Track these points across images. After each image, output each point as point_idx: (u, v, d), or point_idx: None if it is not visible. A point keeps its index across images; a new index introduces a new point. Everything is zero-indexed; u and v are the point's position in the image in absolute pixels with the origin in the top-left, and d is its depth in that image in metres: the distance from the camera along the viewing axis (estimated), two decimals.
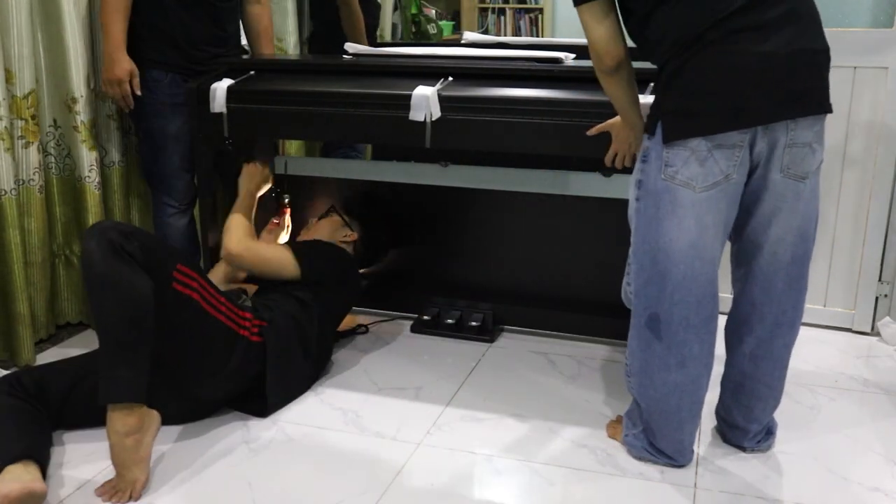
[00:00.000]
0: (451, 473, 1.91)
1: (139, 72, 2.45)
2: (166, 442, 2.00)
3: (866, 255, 2.65)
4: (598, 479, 1.88)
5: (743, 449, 1.97)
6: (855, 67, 2.53)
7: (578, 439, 2.04)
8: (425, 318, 2.66)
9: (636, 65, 1.78)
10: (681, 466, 1.90)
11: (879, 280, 2.68)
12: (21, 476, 1.69)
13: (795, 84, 1.63)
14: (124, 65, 2.38)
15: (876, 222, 2.62)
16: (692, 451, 1.93)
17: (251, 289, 2.41)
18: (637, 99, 1.84)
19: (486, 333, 2.61)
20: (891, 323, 2.65)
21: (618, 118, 1.97)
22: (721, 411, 2.01)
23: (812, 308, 2.75)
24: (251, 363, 2.07)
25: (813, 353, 2.55)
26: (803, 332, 2.68)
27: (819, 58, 1.67)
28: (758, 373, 1.88)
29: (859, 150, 2.60)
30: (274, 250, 2.40)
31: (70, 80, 2.42)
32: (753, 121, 1.63)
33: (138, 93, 2.43)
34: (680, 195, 1.68)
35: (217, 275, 2.47)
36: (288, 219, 2.75)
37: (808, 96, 1.66)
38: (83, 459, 1.93)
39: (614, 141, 2.01)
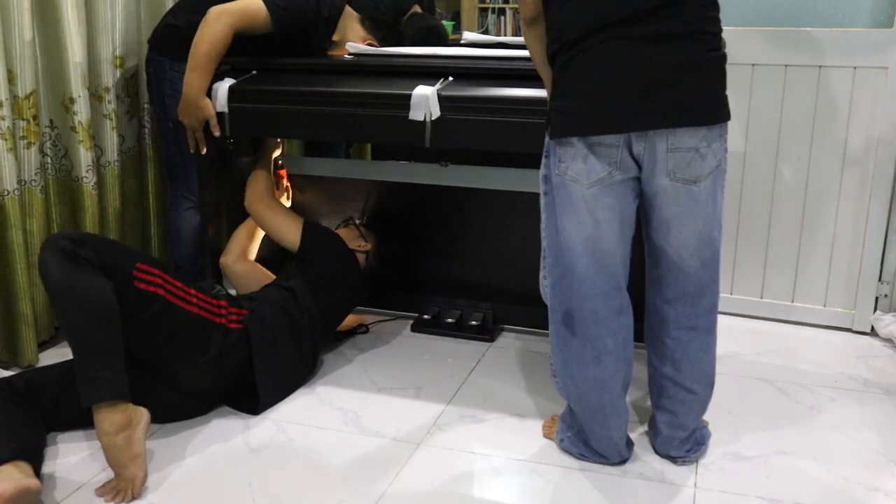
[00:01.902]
0: (451, 473, 1.91)
1: (172, 64, 2.51)
2: (166, 442, 2.00)
3: (866, 255, 2.65)
4: (598, 479, 1.88)
5: (673, 460, 1.93)
6: (855, 67, 2.53)
7: None
8: (425, 317, 2.66)
9: None
10: (619, 464, 1.90)
11: (879, 280, 2.68)
12: (13, 475, 1.69)
13: (670, 95, 1.63)
14: (209, 110, 2.39)
15: (876, 222, 2.62)
16: (627, 449, 1.92)
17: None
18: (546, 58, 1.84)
19: (486, 333, 2.61)
20: (882, 316, 2.66)
21: None
22: (649, 419, 2.00)
23: (812, 308, 2.76)
24: (232, 350, 2.08)
25: (813, 353, 2.55)
26: (803, 331, 2.72)
27: (704, 68, 1.65)
28: (679, 376, 1.86)
29: (859, 150, 2.59)
30: (286, 213, 2.55)
31: (68, 80, 2.42)
32: (618, 128, 1.65)
33: (216, 134, 2.44)
34: (573, 190, 1.72)
35: (258, 186, 2.60)
36: (286, 181, 2.80)
37: (685, 107, 1.64)
38: (80, 462, 1.94)
39: None
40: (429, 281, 2.80)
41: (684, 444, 1.93)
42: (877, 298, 2.70)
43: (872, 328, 2.70)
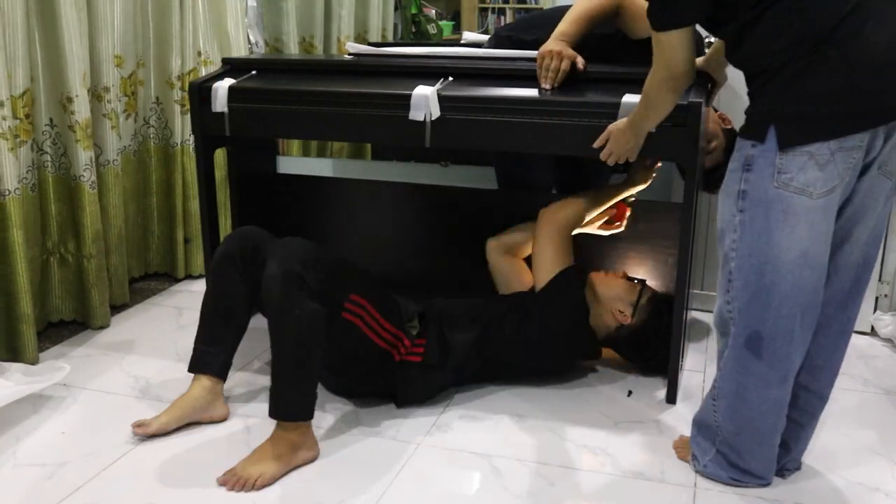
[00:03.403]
0: (451, 473, 1.91)
1: None
2: (167, 442, 2.01)
3: None
4: (598, 479, 1.88)
5: (782, 475, 1.87)
6: None
7: (578, 439, 2.04)
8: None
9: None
10: (767, 485, 1.84)
11: (879, 280, 2.68)
12: (213, 399, 2.08)
13: None
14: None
15: None
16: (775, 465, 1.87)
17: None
18: None
19: None
20: (882, 316, 2.66)
21: (621, 121, 1.97)
22: None
23: None
24: (398, 378, 2.17)
25: None
26: None
27: None
28: (815, 384, 1.81)
29: None
30: (561, 252, 2.29)
31: (66, 80, 2.43)
32: (881, 119, 1.57)
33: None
34: (794, 203, 1.59)
35: (568, 210, 2.34)
36: (621, 219, 2.49)
37: None
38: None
39: (612, 142, 2.01)
40: (429, 280, 2.80)
41: (798, 458, 1.90)
42: (877, 298, 2.70)
43: (872, 328, 2.70)
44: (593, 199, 2.37)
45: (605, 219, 2.48)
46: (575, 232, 2.36)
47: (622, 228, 2.49)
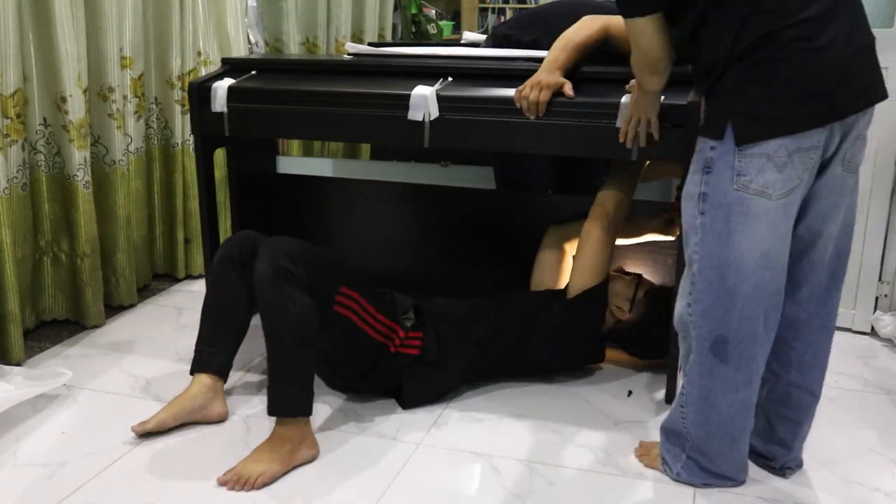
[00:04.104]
0: (451, 473, 1.91)
1: None
2: (167, 442, 2.01)
3: (866, 255, 2.65)
4: (598, 479, 1.88)
5: (784, 474, 1.88)
6: None
7: (578, 439, 2.04)
8: None
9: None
10: (741, 484, 1.84)
11: (879, 280, 2.68)
12: (213, 396, 2.08)
13: (864, 74, 1.60)
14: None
15: (876, 222, 2.62)
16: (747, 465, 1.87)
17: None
18: None
19: None
20: (882, 316, 2.66)
21: (626, 97, 1.97)
22: (757, 434, 1.88)
23: None
24: (396, 371, 2.17)
25: None
26: None
27: (873, 45, 1.64)
28: (806, 381, 1.81)
29: None
30: (602, 257, 2.27)
31: (60, 80, 2.42)
32: (838, 114, 1.58)
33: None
34: (753, 205, 1.60)
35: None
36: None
37: (874, 85, 1.62)
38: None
39: (632, 105, 1.96)
40: (429, 280, 2.80)
41: (798, 456, 1.90)
42: (877, 298, 2.70)
43: (872, 328, 2.70)
44: (627, 185, 2.30)
45: (663, 221, 2.41)
46: (641, 240, 2.37)
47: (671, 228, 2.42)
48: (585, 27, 2.16)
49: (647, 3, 1.65)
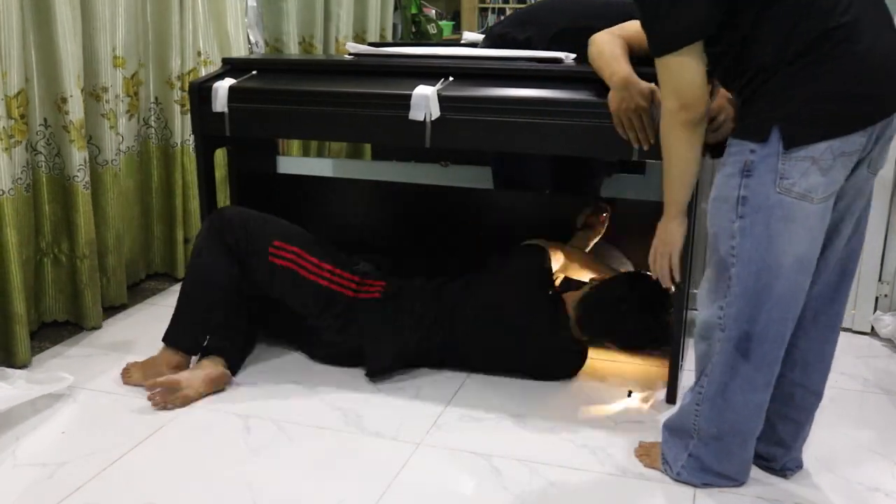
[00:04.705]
0: (451, 473, 1.91)
1: None
2: (167, 442, 2.01)
3: (866, 255, 2.65)
4: (598, 479, 1.88)
5: (784, 475, 1.87)
6: None
7: (578, 439, 2.04)
8: None
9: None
10: (741, 485, 1.84)
11: (879, 280, 2.68)
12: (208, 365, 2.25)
13: None
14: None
15: (876, 222, 2.61)
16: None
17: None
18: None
19: None
20: (882, 316, 2.66)
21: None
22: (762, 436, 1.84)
23: None
24: (356, 316, 2.32)
25: None
26: None
27: None
28: (809, 380, 1.80)
29: None
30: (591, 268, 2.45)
31: (61, 80, 2.42)
32: (883, 115, 1.56)
33: None
34: (794, 208, 1.57)
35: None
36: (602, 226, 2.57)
37: None
38: None
39: (656, 241, 1.92)
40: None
41: (799, 456, 1.89)
42: (877, 298, 2.70)
43: (872, 328, 2.70)
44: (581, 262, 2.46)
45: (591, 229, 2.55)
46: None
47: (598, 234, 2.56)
48: (612, 40, 2.05)
49: (698, 27, 1.57)
